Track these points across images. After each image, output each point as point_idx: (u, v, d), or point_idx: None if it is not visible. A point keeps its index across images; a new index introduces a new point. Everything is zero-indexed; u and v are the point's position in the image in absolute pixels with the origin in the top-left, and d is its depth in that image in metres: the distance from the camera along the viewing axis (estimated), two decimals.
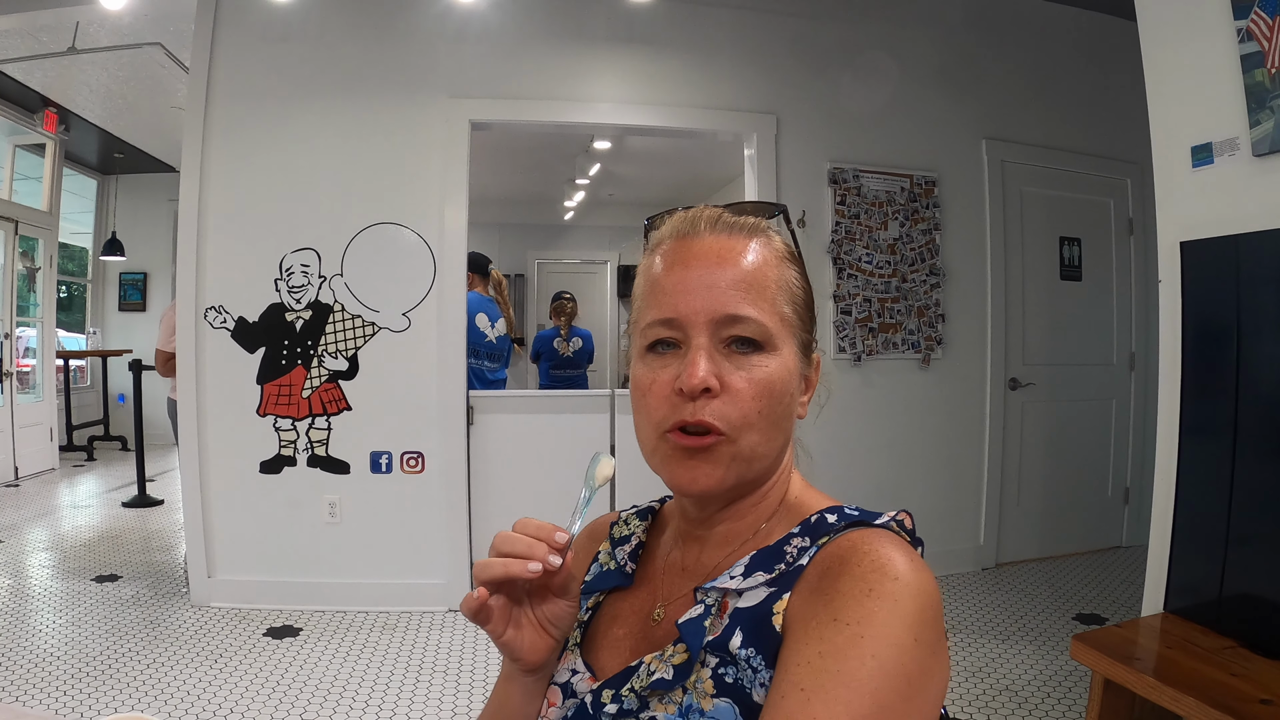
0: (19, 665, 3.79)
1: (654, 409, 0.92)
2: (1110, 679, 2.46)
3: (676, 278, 0.92)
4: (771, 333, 0.91)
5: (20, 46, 6.26)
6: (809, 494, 0.99)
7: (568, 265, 11.70)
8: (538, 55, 4.73)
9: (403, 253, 4.59)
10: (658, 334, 0.92)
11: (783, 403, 0.92)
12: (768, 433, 0.91)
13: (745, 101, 4.89)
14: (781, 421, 0.92)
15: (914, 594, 0.78)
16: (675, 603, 0.98)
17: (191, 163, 4.55)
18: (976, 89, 5.21)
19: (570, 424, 4.81)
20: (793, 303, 0.94)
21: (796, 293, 0.96)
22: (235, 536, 4.64)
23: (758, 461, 0.92)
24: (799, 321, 0.95)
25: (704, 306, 0.90)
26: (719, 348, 0.90)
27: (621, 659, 0.98)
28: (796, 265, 0.98)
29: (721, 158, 8.11)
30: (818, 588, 0.81)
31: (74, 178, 9.88)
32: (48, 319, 8.95)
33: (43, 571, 5.34)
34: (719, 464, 0.90)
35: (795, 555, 0.88)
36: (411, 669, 3.86)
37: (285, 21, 4.59)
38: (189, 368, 4.56)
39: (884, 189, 5.04)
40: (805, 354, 0.96)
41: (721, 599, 0.90)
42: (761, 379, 0.89)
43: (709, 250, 0.92)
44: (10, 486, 7.91)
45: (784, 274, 0.95)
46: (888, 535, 0.84)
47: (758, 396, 0.89)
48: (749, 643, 0.83)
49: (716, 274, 0.91)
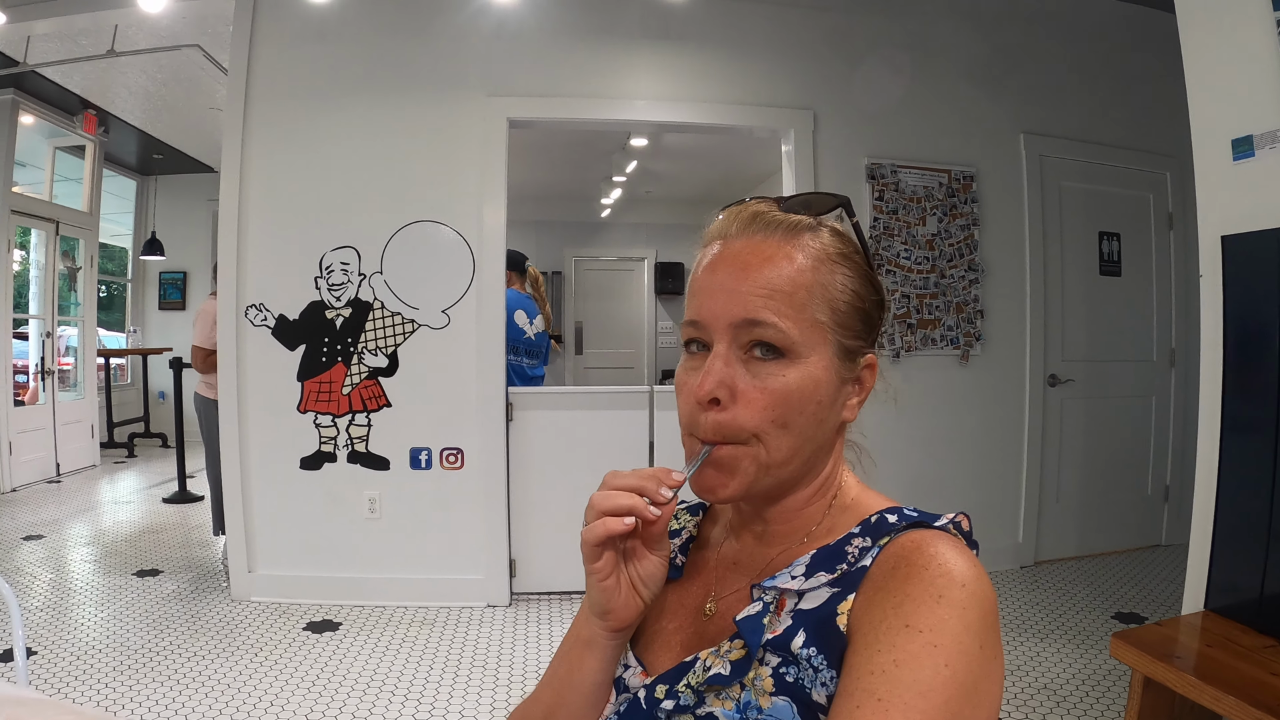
0: (62, 658, 3.84)
1: (681, 409, 0.94)
2: (1151, 678, 2.43)
3: (706, 280, 0.93)
4: (794, 340, 0.89)
5: (59, 50, 6.34)
6: (866, 494, 0.99)
7: (604, 262, 11.74)
8: (575, 53, 4.74)
9: (442, 250, 4.61)
10: (688, 334, 0.95)
11: (804, 412, 0.90)
12: (785, 441, 0.90)
13: (782, 97, 4.87)
14: (807, 430, 0.91)
15: (980, 600, 0.79)
16: (727, 598, 0.98)
17: (231, 162, 4.60)
18: (1014, 83, 5.16)
19: (609, 420, 4.81)
20: (831, 307, 0.91)
21: (839, 296, 0.92)
22: (275, 532, 4.68)
23: (778, 469, 0.91)
24: (838, 327, 0.92)
25: (724, 311, 0.90)
26: (739, 354, 0.90)
27: (672, 653, 0.98)
28: (847, 266, 0.94)
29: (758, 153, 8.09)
30: (884, 588, 0.81)
31: (113, 179, 9.98)
32: (88, 318, 9.06)
33: (85, 566, 5.42)
34: (733, 474, 0.91)
35: (857, 555, 0.88)
36: (450, 664, 3.87)
37: (322, 21, 4.63)
38: (230, 365, 4.61)
39: (922, 184, 5.01)
40: (848, 358, 0.93)
41: (779, 596, 0.90)
42: (777, 388, 0.89)
43: (738, 253, 0.92)
44: (52, 483, 8.01)
45: (824, 276, 0.92)
46: (949, 538, 0.84)
47: (771, 406, 0.89)
48: (812, 643, 0.83)
49: (741, 278, 0.90)
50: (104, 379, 9.74)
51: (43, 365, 8.26)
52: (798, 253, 0.91)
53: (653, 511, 0.87)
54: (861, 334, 0.95)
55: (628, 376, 11.51)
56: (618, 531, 0.87)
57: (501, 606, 4.61)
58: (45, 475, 8.14)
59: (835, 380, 0.92)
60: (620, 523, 0.87)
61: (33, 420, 8.06)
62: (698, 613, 1.00)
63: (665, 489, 0.87)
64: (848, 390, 0.95)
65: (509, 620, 4.42)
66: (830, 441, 0.96)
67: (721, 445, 0.90)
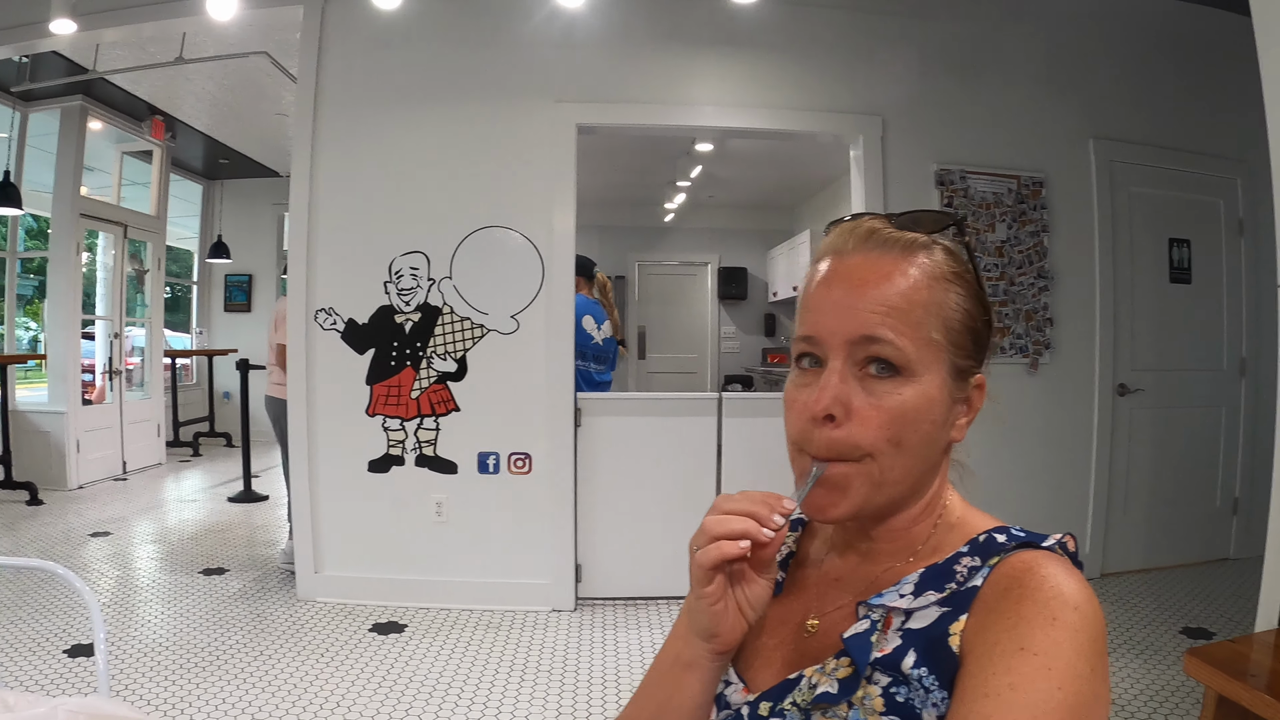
0: (129, 655, 3.90)
1: (791, 425, 0.93)
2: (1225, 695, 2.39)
3: (821, 295, 0.93)
4: (910, 358, 0.88)
5: (128, 57, 6.47)
6: (971, 513, 0.98)
7: (668, 267, 11.76)
8: (642, 58, 4.75)
9: (511, 256, 4.65)
10: (800, 349, 0.94)
11: (919, 431, 0.89)
12: (899, 460, 0.89)
13: (850, 103, 4.84)
14: (919, 449, 0.90)
15: (1092, 623, 0.79)
16: (830, 615, 0.97)
17: (301, 168, 4.67)
18: (1083, 87, 5.09)
19: (677, 427, 4.81)
20: (945, 326, 0.91)
21: (953, 315, 0.92)
22: (342, 533, 4.74)
23: (890, 489, 0.91)
24: (952, 346, 0.91)
25: (841, 328, 0.89)
26: (855, 370, 0.89)
27: (773, 669, 0.98)
28: (960, 286, 0.93)
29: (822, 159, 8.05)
30: (997, 609, 0.81)
31: (180, 183, 10.16)
32: (155, 319, 9.23)
33: (151, 564, 5.53)
34: (845, 493, 0.90)
35: (966, 575, 0.87)
36: (516, 668, 3.89)
37: (390, 29, 4.67)
38: (300, 368, 4.68)
39: (991, 190, 4.96)
40: (959, 378, 0.93)
41: (886, 614, 0.89)
42: (893, 407, 0.88)
43: (855, 269, 0.91)
44: (119, 480, 8.17)
45: (938, 295, 0.91)
46: (1059, 559, 0.84)
47: (886, 425, 0.88)
48: (923, 663, 0.82)
49: (858, 295, 0.89)
50: (170, 379, 9.92)
51: (110, 365, 8.41)
52: (914, 270, 0.91)
53: (766, 534, 0.86)
54: (972, 353, 0.94)
55: (691, 382, 11.54)
56: (733, 556, 0.86)
57: (566, 611, 4.63)
58: (111, 473, 8.30)
59: (948, 400, 0.92)
60: (736, 546, 0.86)
61: (100, 419, 8.22)
62: (799, 629, 0.99)
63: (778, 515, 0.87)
64: (958, 410, 0.95)
65: (574, 625, 4.43)
66: (938, 461, 0.96)
67: (834, 463, 0.89)
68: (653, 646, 4.14)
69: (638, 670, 3.87)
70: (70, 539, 5.96)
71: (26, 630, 4.13)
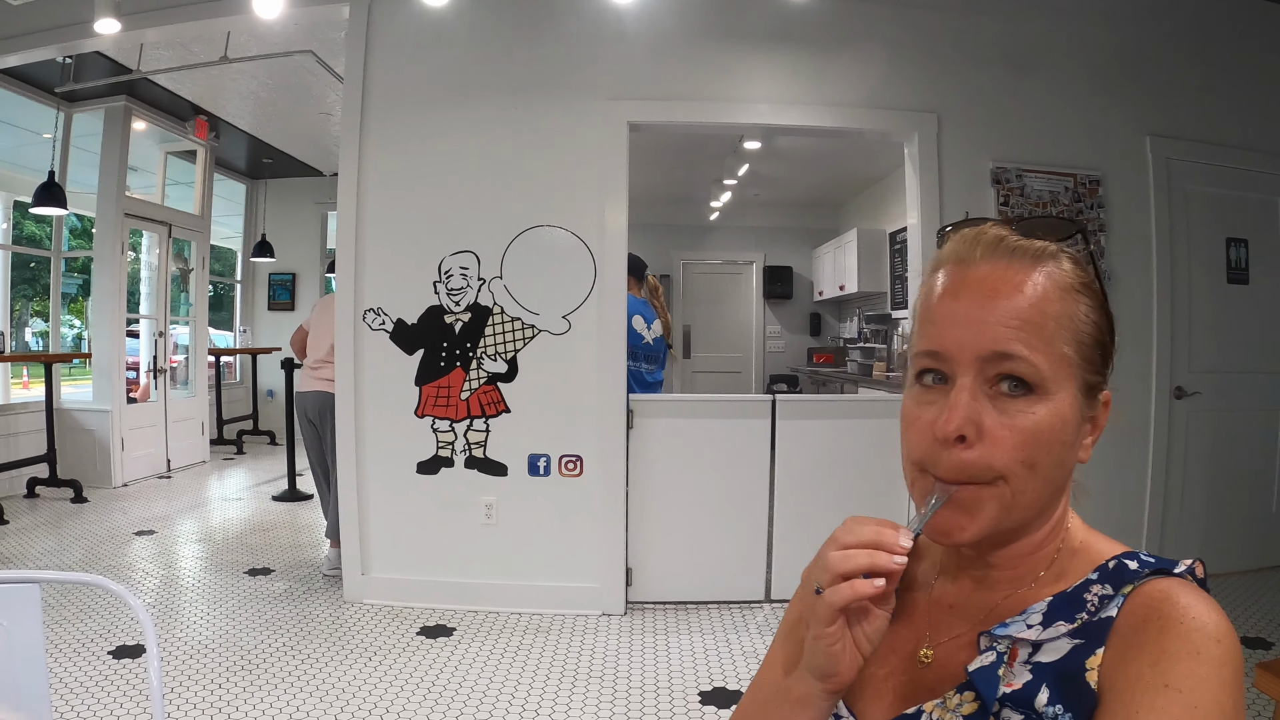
0: (175, 658, 3.90)
1: (913, 445, 0.89)
2: None
3: (946, 308, 0.88)
4: (1044, 375, 0.83)
5: (171, 58, 6.51)
6: (1093, 536, 0.93)
7: (712, 266, 11.74)
8: (693, 55, 4.70)
9: (562, 255, 4.62)
10: (923, 364, 0.89)
11: (1052, 452, 0.84)
12: (1031, 484, 0.84)
13: (905, 100, 4.78)
14: (1050, 471, 0.85)
15: (1234, 656, 0.75)
16: (946, 644, 0.92)
17: (349, 167, 4.65)
18: (1139, 83, 4.98)
19: (731, 429, 4.76)
20: (1076, 340, 0.86)
21: (1083, 329, 0.86)
22: (390, 535, 4.72)
23: (1020, 512, 0.86)
24: (1082, 361, 0.86)
25: (971, 343, 0.84)
26: (985, 388, 0.84)
27: (884, 701, 0.94)
28: (1088, 297, 0.88)
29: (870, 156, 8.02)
30: (1136, 643, 0.77)
31: (223, 182, 10.27)
32: (200, 318, 9.32)
33: (195, 563, 5.55)
34: (974, 516, 0.85)
35: (1097, 604, 0.83)
36: (568, 674, 3.85)
37: (438, 27, 4.66)
38: (347, 368, 4.66)
39: (1047, 189, 4.88)
40: (1089, 395, 0.88)
41: (1011, 646, 0.85)
42: (1027, 427, 0.83)
43: (983, 280, 0.86)
44: (163, 478, 8.24)
45: (1069, 308, 0.86)
46: (1193, 587, 0.80)
47: (1020, 446, 0.83)
48: (1058, 699, 0.78)
49: (988, 307, 0.84)
50: (214, 377, 10.02)
51: (155, 363, 8.47)
52: (1044, 280, 0.86)
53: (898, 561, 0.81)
54: (1100, 369, 0.89)
55: (735, 381, 11.53)
56: (868, 595, 0.81)
57: (617, 615, 4.59)
58: (156, 471, 8.38)
59: (1078, 419, 0.87)
60: (871, 585, 0.81)
61: (145, 417, 8.30)
62: (911, 659, 0.94)
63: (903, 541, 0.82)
64: (1085, 429, 0.90)
65: (624, 630, 4.40)
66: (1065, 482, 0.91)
67: (964, 485, 0.84)
68: (704, 652, 4.09)
69: (689, 675, 3.83)
70: (115, 538, 6.00)
71: (71, 631, 4.14)
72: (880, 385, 7.89)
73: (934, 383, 0.88)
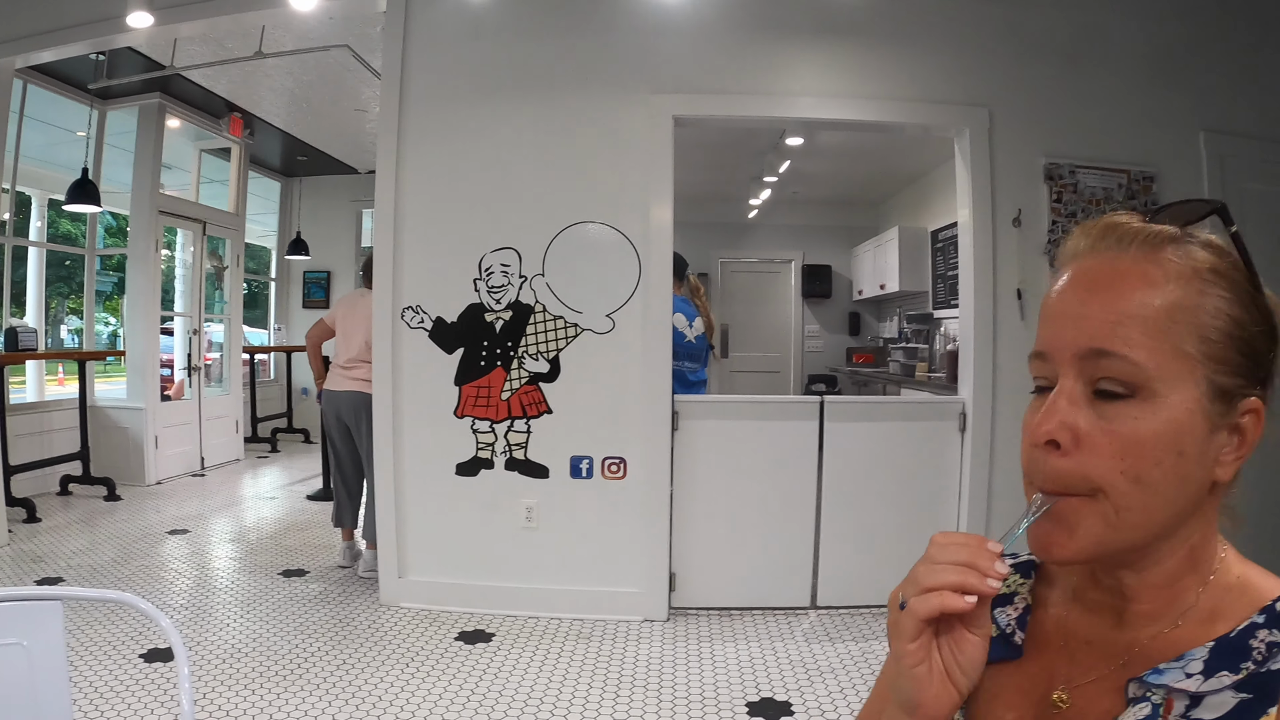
0: (208, 661, 3.84)
1: (1023, 453, 0.80)
2: None
3: (1052, 304, 0.80)
4: (1150, 375, 0.73)
5: (205, 53, 6.47)
6: (1252, 571, 0.79)
7: (750, 264, 11.64)
8: (738, 48, 4.59)
9: (606, 252, 4.52)
10: (1033, 369, 0.81)
11: (1162, 464, 0.73)
12: (1137, 499, 0.73)
13: (955, 94, 4.64)
14: (1163, 486, 0.73)
15: None
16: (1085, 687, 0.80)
17: (387, 164, 4.58)
18: (1193, 77, 4.81)
19: (777, 431, 4.65)
20: (1199, 335, 0.73)
21: (1210, 321, 0.74)
22: (428, 538, 4.65)
23: (1129, 532, 0.74)
24: (1209, 360, 0.74)
25: (1070, 340, 0.76)
26: (1086, 389, 0.75)
27: None
28: (1222, 286, 0.75)
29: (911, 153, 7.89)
30: None
31: (258, 180, 10.28)
32: (234, 315, 9.32)
33: (229, 564, 5.51)
34: (1072, 532, 0.75)
35: (1265, 653, 0.70)
36: (610, 682, 3.75)
37: (477, 19, 4.58)
38: (385, 368, 4.59)
39: (1101, 186, 4.73)
40: (1223, 401, 0.74)
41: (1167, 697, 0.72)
42: (1127, 433, 0.73)
43: (1088, 271, 0.78)
44: (196, 476, 8.22)
45: (1191, 298, 0.74)
46: None
47: (1120, 454, 0.73)
48: None
49: (1090, 300, 0.76)
50: (248, 375, 10.01)
51: (189, 361, 8.45)
52: (1157, 269, 0.75)
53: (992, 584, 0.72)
54: (1242, 370, 0.75)
55: (774, 381, 11.43)
56: (956, 609, 0.72)
57: (659, 621, 4.48)
58: (190, 469, 8.37)
59: (1203, 427, 0.74)
60: (960, 600, 0.72)
61: (179, 415, 8.30)
62: (1042, 702, 0.82)
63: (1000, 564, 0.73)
64: (1221, 441, 0.75)
65: (667, 636, 4.29)
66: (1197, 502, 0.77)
67: (1062, 497, 0.75)
68: (750, 661, 3.98)
69: (735, 685, 3.73)
70: (148, 536, 5.97)
71: (102, 634, 4.09)
72: (923, 386, 7.74)
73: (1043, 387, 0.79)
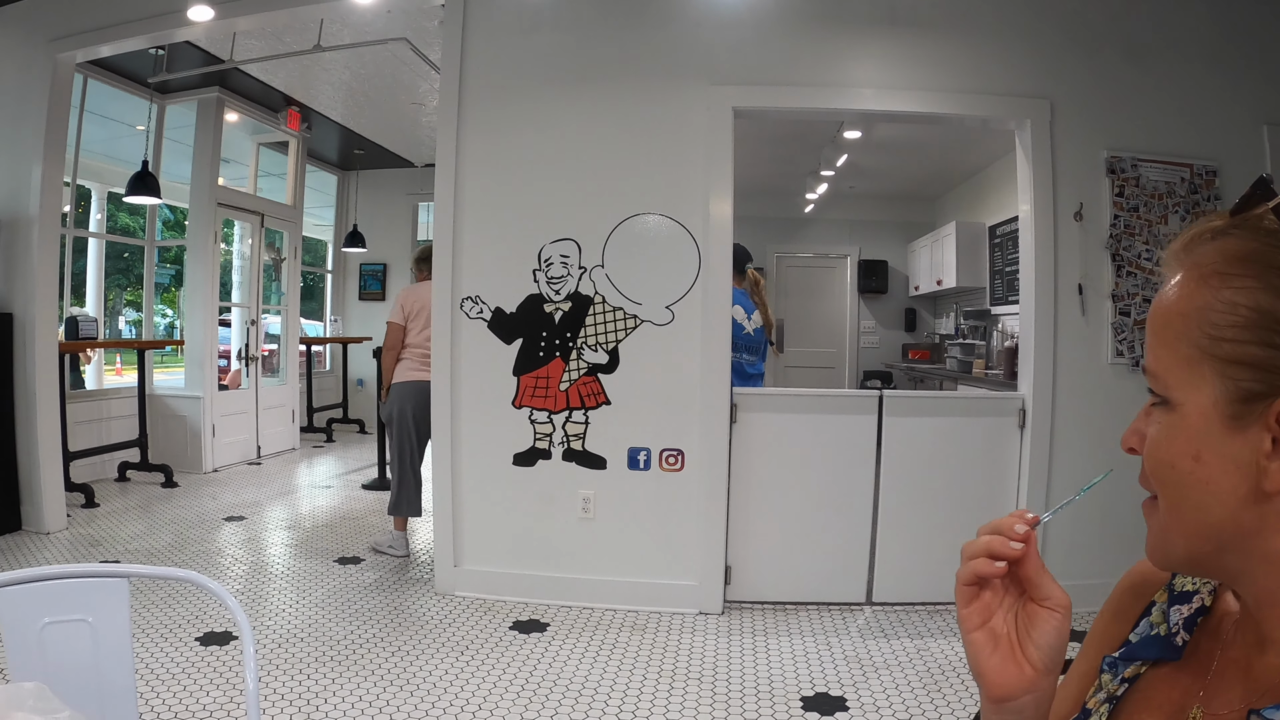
0: (264, 646, 3.88)
1: None
2: None
3: None
4: (1166, 383, 0.72)
5: (263, 48, 6.53)
6: None
7: (806, 259, 11.60)
8: (797, 39, 4.55)
9: (666, 244, 4.51)
10: None
11: (1175, 467, 0.71)
12: (1169, 501, 0.73)
13: (1016, 85, 4.56)
14: (1187, 493, 0.71)
15: None
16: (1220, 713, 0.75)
17: (446, 156, 4.60)
18: (1257, 69, 4.68)
19: (837, 425, 4.61)
20: (1211, 334, 0.68)
21: (1221, 318, 0.68)
22: (484, 527, 4.67)
23: (1177, 537, 0.73)
24: (1219, 360, 0.68)
25: None
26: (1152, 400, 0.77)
27: None
28: (1246, 275, 0.68)
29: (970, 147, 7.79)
30: None
31: (315, 173, 10.39)
32: (291, 307, 9.44)
33: (285, 550, 5.57)
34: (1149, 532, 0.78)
35: None
36: (665, 674, 3.75)
37: (536, 11, 4.59)
38: (444, 358, 4.61)
39: (1163, 179, 4.63)
40: (1248, 403, 0.67)
41: None
42: (1150, 438, 0.75)
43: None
44: (253, 465, 8.33)
45: (1204, 297, 0.69)
46: None
47: (1147, 459, 0.75)
48: None
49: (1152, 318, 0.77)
50: (305, 366, 10.13)
51: (246, 352, 8.56)
52: (1184, 274, 0.73)
53: (1014, 547, 0.76)
54: (1268, 365, 0.66)
55: (828, 377, 11.39)
56: (987, 574, 0.77)
57: (714, 614, 4.47)
58: (246, 457, 8.49)
59: (1219, 432, 0.69)
60: (988, 564, 0.77)
61: (236, 404, 8.41)
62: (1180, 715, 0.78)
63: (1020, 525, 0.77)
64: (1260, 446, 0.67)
65: (722, 629, 4.27)
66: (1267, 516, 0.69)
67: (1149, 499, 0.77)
68: (805, 655, 3.95)
69: (790, 679, 3.70)
70: (204, 523, 6.06)
71: (160, 616, 4.16)
72: (980, 383, 7.64)
73: None
